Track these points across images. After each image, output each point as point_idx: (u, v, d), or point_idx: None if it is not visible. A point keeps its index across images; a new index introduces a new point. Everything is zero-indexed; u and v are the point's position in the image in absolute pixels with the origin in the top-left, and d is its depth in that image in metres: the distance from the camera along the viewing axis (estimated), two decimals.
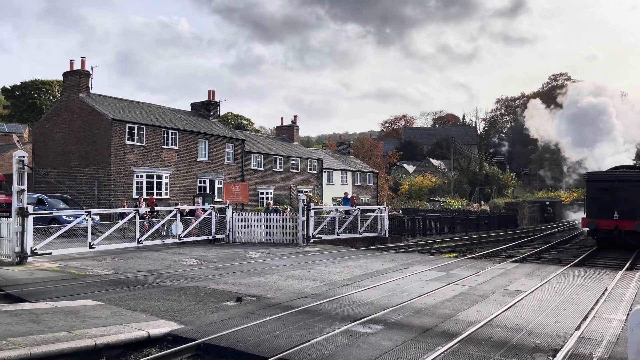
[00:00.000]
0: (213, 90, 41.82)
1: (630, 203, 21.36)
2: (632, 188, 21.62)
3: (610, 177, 22.66)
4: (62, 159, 32.27)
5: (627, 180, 22.11)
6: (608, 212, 21.79)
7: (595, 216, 22.39)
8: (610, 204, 21.76)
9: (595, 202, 22.65)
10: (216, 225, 21.40)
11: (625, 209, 21.38)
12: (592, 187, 23.32)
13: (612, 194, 21.81)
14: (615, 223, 21.41)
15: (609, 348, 7.08)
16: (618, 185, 21.87)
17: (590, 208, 23.22)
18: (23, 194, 14.62)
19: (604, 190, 22.20)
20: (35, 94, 67.70)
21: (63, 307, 9.00)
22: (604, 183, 22.46)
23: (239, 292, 10.89)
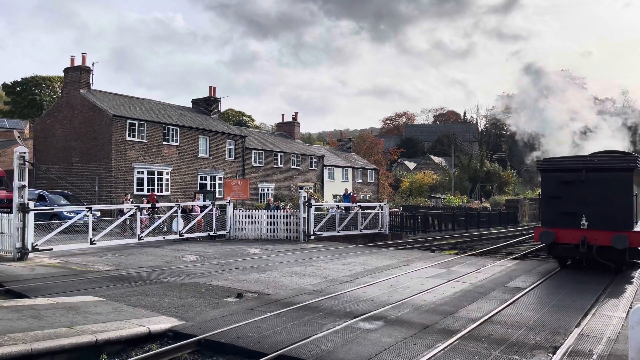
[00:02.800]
0: (214, 86, 41.81)
1: (606, 204, 13.19)
2: (608, 182, 13.36)
3: (576, 166, 13.84)
4: (63, 155, 32.28)
5: (601, 169, 13.54)
6: (572, 217, 13.56)
7: (553, 224, 13.92)
8: (575, 205, 13.56)
9: (554, 203, 14.08)
10: (217, 222, 21.41)
11: (597, 212, 13.22)
12: (548, 181, 14.47)
13: (579, 190, 13.58)
14: (583, 234, 13.15)
15: (609, 345, 7.09)
16: (587, 177, 13.50)
17: (546, 212, 14.50)
18: (24, 190, 14.63)
19: (567, 185, 13.82)
20: (36, 89, 67.66)
21: (64, 303, 9.01)
22: (567, 174, 13.89)
23: (240, 288, 10.90)
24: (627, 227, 12.75)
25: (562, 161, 14.43)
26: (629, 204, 12.99)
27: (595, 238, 12.91)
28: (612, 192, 13.11)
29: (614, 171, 13.21)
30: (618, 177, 13.13)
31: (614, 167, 13.28)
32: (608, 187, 13.18)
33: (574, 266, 14.74)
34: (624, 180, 13.07)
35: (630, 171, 13.05)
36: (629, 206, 12.99)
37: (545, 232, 13.65)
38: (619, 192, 13.02)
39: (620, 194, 13.01)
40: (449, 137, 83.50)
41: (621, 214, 12.89)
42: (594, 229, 13.01)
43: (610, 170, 13.29)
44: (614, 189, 13.09)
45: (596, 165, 13.50)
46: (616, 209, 12.96)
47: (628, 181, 13.05)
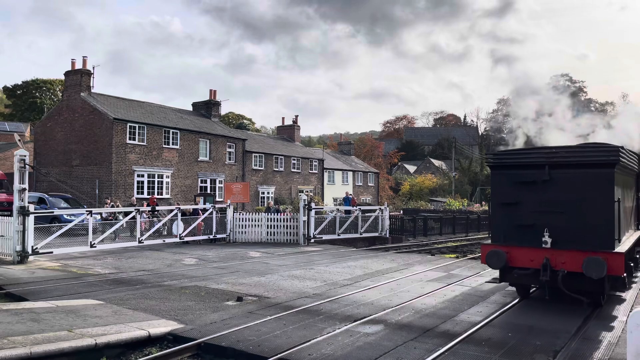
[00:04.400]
0: (214, 90, 41.85)
1: (577, 213, 9.37)
2: (580, 182, 9.49)
3: (537, 160, 9.97)
4: (63, 158, 32.30)
5: (571, 164, 9.64)
6: (531, 232, 9.72)
7: (505, 240, 10.03)
8: (535, 215, 9.75)
9: (507, 211, 10.15)
10: (217, 225, 21.41)
11: (566, 225, 9.43)
12: (500, 182, 10.49)
13: (541, 194, 9.80)
14: (546, 256, 9.32)
15: (609, 349, 7.07)
16: (552, 175, 9.66)
17: (496, 224, 10.42)
18: (24, 193, 14.64)
19: (524, 187, 9.97)
20: (36, 93, 67.74)
21: (64, 306, 9.00)
22: (525, 172, 10.03)
23: (240, 291, 10.89)
24: (606, 245, 8.75)
25: (518, 155, 10.13)
26: (608, 213, 8.86)
27: (562, 261, 8.91)
28: (585, 196, 9.05)
29: (589, 167, 9.09)
30: (594, 175, 9.04)
31: (588, 162, 9.11)
32: (580, 189, 9.10)
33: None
34: (603, 179, 8.97)
35: (610, 167, 8.94)
36: (608, 216, 8.87)
37: (494, 252, 9.45)
38: (596, 196, 8.98)
39: (597, 199, 8.96)
40: (449, 140, 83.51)
41: (598, 227, 8.87)
42: (560, 248, 9.03)
43: (583, 166, 9.14)
44: (589, 191, 9.03)
45: (564, 159, 9.30)
46: (591, 220, 8.94)
47: (608, 181, 8.95)
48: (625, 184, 10.45)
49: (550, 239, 9.24)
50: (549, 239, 9.25)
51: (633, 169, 11.04)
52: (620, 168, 9.49)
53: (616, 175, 9.14)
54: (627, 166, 9.91)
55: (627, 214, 10.74)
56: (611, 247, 8.79)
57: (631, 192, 11.46)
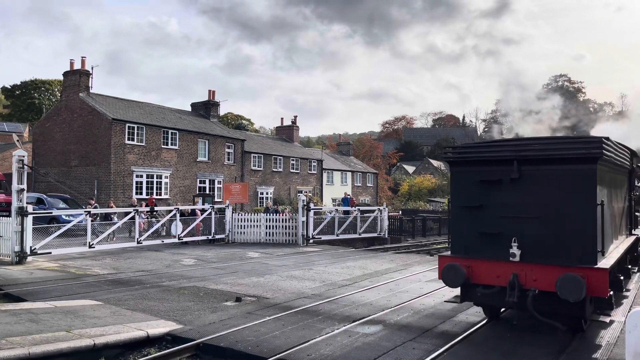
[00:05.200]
0: (213, 90, 41.86)
1: (552, 219, 7.48)
2: (555, 180, 7.56)
3: (504, 155, 8.00)
4: (62, 158, 32.27)
5: (544, 160, 7.66)
6: (497, 242, 7.85)
7: (467, 251, 8.17)
8: (502, 221, 7.89)
9: (469, 216, 8.26)
10: (216, 225, 21.40)
11: (538, 234, 7.55)
12: (461, 181, 8.56)
13: (508, 195, 7.94)
14: (514, 271, 7.48)
15: (607, 349, 7.08)
16: (522, 173, 7.80)
17: (456, 231, 8.52)
18: (23, 193, 14.62)
19: (489, 187, 8.12)
20: (35, 93, 67.69)
21: (62, 307, 8.99)
22: (489, 169, 8.11)
23: (238, 292, 10.88)
24: (587, 259, 7.03)
25: (481, 148, 8.38)
26: (589, 219, 7.13)
27: (534, 278, 7.22)
28: (562, 198, 7.33)
29: (566, 162, 7.36)
30: (572, 172, 7.32)
31: (565, 156, 7.36)
32: (556, 189, 7.37)
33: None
34: (582, 177, 7.25)
35: (592, 162, 7.21)
36: (589, 223, 7.13)
37: (451, 267, 7.76)
38: (574, 199, 7.26)
39: (576, 202, 7.23)
40: (448, 140, 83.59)
41: (577, 236, 7.15)
42: (531, 262, 7.31)
43: (559, 161, 7.40)
44: (566, 192, 7.32)
45: (537, 153, 7.55)
46: (569, 228, 7.22)
47: (588, 179, 7.22)
48: (614, 183, 8.69)
49: (520, 251, 7.37)
50: (518, 250, 7.38)
51: (624, 165, 9.25)
52: (606, 164, 7.68)
53: (600, 172, 7.32)
54: (614, 162, 8.16)
55: (616, 219, 8.97)
56: (593, 261, 6.97)
57: (622, 191, 9.70)
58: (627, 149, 9.76)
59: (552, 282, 6.96)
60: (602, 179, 7.55)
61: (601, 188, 7.46)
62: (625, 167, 9.65)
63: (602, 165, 7.47)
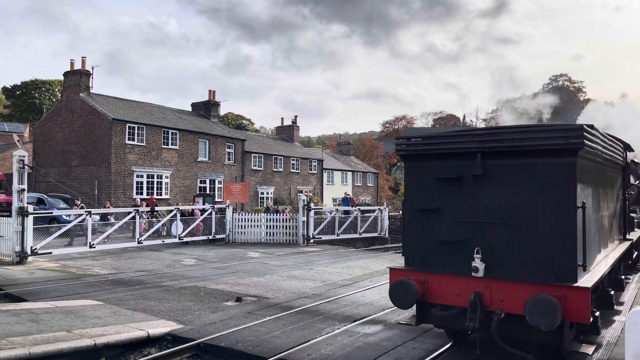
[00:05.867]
0: (213, 90, 41.86)
1: (523, 225, 5.96)
2: (528, 178, 6.00)
3: (466, 147, 6.37)
4: (62, 158, 32.28)
5: (514, 152, 6.07)
6: (457, 252, 6.33)
7: (422, 264, 6.67)
8: (463, 227, 6.36)
9: (425, 221, 6.72)
10: (216, 225, 21.40)
11: (506, 243, 6.04)
12: (417, 178, 6.93)
13: (470, 196, 6.36)
14: (476, 289, 5.96)
15: (608, 349, 7.08)
16: (487, 168, 6.20)
17: (410, 238, 7.03)
18: (23, 193, 14.63)
19: (449, 186, 6.52)
20: (35, 93, 67.71)
21: (63, 307, 9.00)
22: (449, 164, 6.52)
23: (239, 292, 10.89)
24: (565, 275, 5.70)
25: (439, 140, 6.87)
26: (567, 225, 5.77)
27: (500, 297, 5.89)
28: (534, 199, 5.94)
29: (540, 156, 5.94)
30: (548, 167, 5.92)
31: (538, 148, 5.94)
32: (527, 188, 5.99)
33: None
34: (560, 173, 5.85)
35: (571, 155, 5.81)
36: (567, 230, 5.77)
37: (402, 283, 6.33)
38: (550, 200, 5.87)
39: (552, 204, 5.85)
40: None
41: (552, 246, 5.81)
42: (497, 278, 5.95)
43: (531, 153, 5.98)
44: (540, 193, 5.93)
45: (504, 144, 6.13)
46: (543, 236, 5.85)
47: (567, 176, 5.82)
48: (602, 181, 7.42)
49: (483, 264, 5.98)
50: (481, 263, 5.98)
51: (615, 160, 8.11)
52: (590, 157, 6.30)
53: (581, 167, 5.94)
54: (602, 155, 6.82)
55: (605, 223, 7.65)
56: (571, 278, 5.62)
57: (613, 191, 8.52)
58: (620, 142, 8.64)
59: (522, 303, 5.56)
60: (584, 175, 6.15)
61: (583, 187, 6.07)
62: (617, 162, 8.37)
63: (584, 159, 6.07)
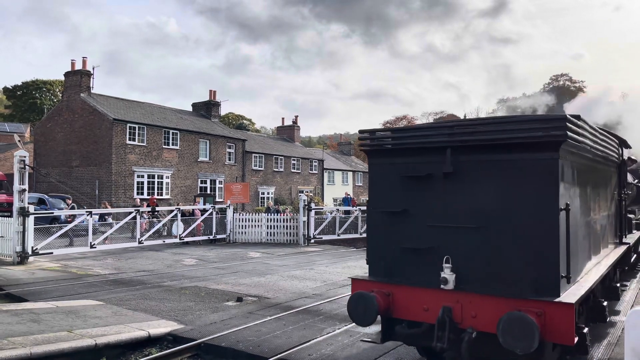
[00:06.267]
0: (214, 90, 41.93)
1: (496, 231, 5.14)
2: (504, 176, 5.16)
3: (434, 140, 5.60)
4: (63, 158, 32.31)
5: (484, 148, 5.27)
6: (424, 262, 5.52)
7: (386, 273, 5.85)
8: (431, 232, 5.54)
9: (391, 225, 5.87)
10: (217, 226, 21.42)
11: (478, 252, 5.21)
12: (382, 177, 6.08)
13: (440, 196, 5.54)
14: (445, 303, 5.18)
15: (609, 348, 7.08)
16: (458, 165, 5.39)
17: (375, 245, 6.06)
18: (24, 193, 14.64)
19: (416, 185, 5.70)
20: (36, 93, 67.76)
21: (64, 307, 9.01)
22: (416, 161, 5.71)
23: (240, 292, 10.89)
24: (545, 289, 4.94)
25: (406, 133, 6.21)
26: (548, 230, 5.00)
27: (472, 314, 5.14)
28: (511, 200, 5.19)
29: (517, 150, 5.19)
30: (526, 164, 5.16)
31: (516, 142, 5.17)
32: (503, 188, 5.23)
33: None
34: (539, 171, 5.10)
35: (553, 149, 5.05)
36: (548, 235, 5.00)
37: (361, 297, 5.60)
38: (528, 201, 5.12)
39: (530, 206, 5.10)
40: None
41: (531, 255, 5.05)
42: (469, 291, 5.21)
43: (507, 148, 5.23)
44: (517, 193, 5.17)
45: (477, 138, 5.40)
46: (520, 243, 5.09)
47: (548, 174, 5.06)
48: (592, 179, 6.54)
49: (454, 275, 5.21)
50: (451, 274, 5.21)
51: (608, 157, 7.40)
52: (576, 152, 5.52)
53: (565, 163, 5.19)
54: (591, 150, 6.08)
55: (597, 226, 6.87)
56: (553, 292, 4.83)
57: (607, 190, 7.77)
58: (614, 137, 8.10)
59: (497, 320, 4.76)
60: (569, 173, 5.36)
61: (568, 186, 5.28)
62: (611, 159, 7.68)
63: (569, 155, 5.30)
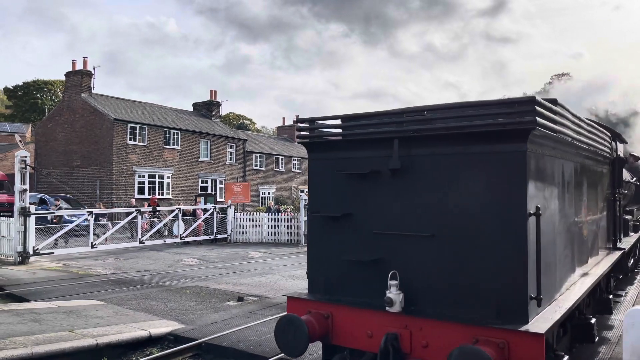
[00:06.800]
0: (215, 90, 41.96)
1: (453, 240, 4.18)
2: (456, 172, 4.19)
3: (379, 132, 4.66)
4: (64, 158, 32.35)
5: (438, 139, 4.29)
6: (369, 276, 4.57)
7: (327, 290, 5.05)
8: (377, 242, 4.58)
9: (331, 231, 4.96)
10: (218, 225, 21.43)
11: (432, 266, 4.27)
12: (323, 174, 5.05)
13: (386, 197, 4.56)
14: (390, 329, 4.23)
15: (609, 348, 7.08)
16: (408, 160, 4.41)
17: (314, 255, 5.43)
18: (25, 193, 14.66)
19: (359, 184, 4.73)
20: (37, 93, 67.82)
21: (65, 307, 9.03)
22: (360, 156, 4.73)
23: (241, 292, 10.90)
24: (510, 314, 3.93)
25: (350, 122, 5.10)
26: (513, 240, 3.97)
27: (423, 343, 4.16)
28: (471, 203, 4.16)
29: (479, 142, 4.12)
30: (489, 159, 4.09)
31: (475, 131, 4.13)
32: (460, 188, 4.23)
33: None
34: (505, 167, 4.02)
35: (520, 140, 3.95)
36: (515, 246, 3.96)
37: (290, 321, 4.65)
38: (491, 204, 4.08)
39: (494, 210, 4.06)
40: None
41: (492, 270, 4.04)
42: (419, 316, 4.23)
43: (464, 139, 4.19)
44: (478, 193, 4.14)
45: (430, 127, 4.43)
46: (480, 256, 4.09)
47: (515, 170, 3.98)
48: (576, 177, 5.54)
49: (401, 294, 4.24)
50: (398, 293, 4.23)
51: (598, 151, 6.55)
52: (551, 145, 4.54)
53: (536, 157, 4.18)
54: (573, 143, 5.17)
55: (582, 232, 5.84)
56: (519, 318, 3.89)
57: (596, 190, 6.76)
58: (607, 129, 7.35)
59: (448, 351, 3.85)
60: (543, 169, 4.37)
61: (541, 185, 4.30)
62: (602, 154, 6.85)
63: (542, 147, 4.29)
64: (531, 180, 4.07)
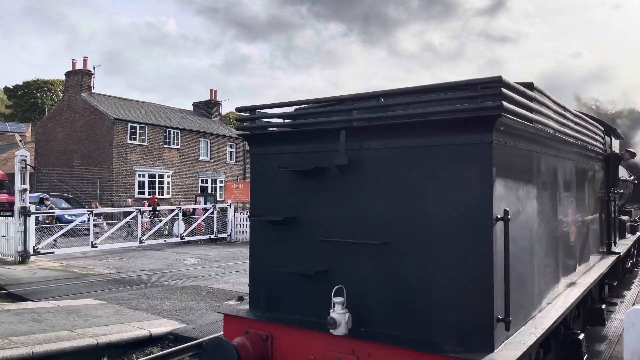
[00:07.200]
0: (215, 89, 41.99)
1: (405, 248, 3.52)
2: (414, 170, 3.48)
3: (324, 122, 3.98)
4: (64, 158, 32.36)
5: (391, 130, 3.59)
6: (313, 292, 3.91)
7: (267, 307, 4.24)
8: (323, 251, 3.91)
9: (273, 238, 4.21)
10: (218, 225, 21.44)
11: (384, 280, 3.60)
12: (264, 172, 4.33)
13: (333, 199, 3.87)
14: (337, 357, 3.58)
15: (610, 347, 7.09)
16: (358, 155, 3.69)
17: (255, 266, 4.39)
18: (25, 193, 14.66)
19: (304, 184, 4.01)
20: (37, 93, 67.82)
21: (65, 306, 9.03)
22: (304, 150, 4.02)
23: (241, 291, 10.90)
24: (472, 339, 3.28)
25: (296, 111, 4.68)
26: (479, 249, 3.28)
27: None
28: (428, 205, 3.48)
29: (437, 133, 3.43)
30: (448, 153, 3.39)
31: (432, 120, 3.46)
32: (418, 187, 3.53)
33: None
34: (467, 162, 3.32)
35: (484, 129, 3.23)
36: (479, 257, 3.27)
37: (219, 345, 3.81)
38: (451, 207, 3.39)
39: (454, 213, 3.37)
40: None
41: (455, 286, 3.36)
42: (367, 340, 3.54)
43: (424, 130, 3.50)
44: (437, 194, 3.45)
45: (381, 116, 3.91)
46: (442, 269, 3.41)
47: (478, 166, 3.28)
48: (560, 175, 4.92)
49: (347, 314, 3.63)
50: (344, 312, 3.62)
51: (588, 147, 6.06)
52: (526, 136, 3.88)
53: (505, 150, 3.51)
54: (554, 135, 4.52)
55: (569, 238, 5.25)
56: (484, 344, 3.27)
57: (586, 189, 6.20)
58: (599, 123, 6.88)
59: None
60: (515, 165, 3.73)
61: (512, 184, 3.65)
62: (593, 150, 6.33)
63: (514, 139, 3.64)
64: (500, 178, 3.37)
